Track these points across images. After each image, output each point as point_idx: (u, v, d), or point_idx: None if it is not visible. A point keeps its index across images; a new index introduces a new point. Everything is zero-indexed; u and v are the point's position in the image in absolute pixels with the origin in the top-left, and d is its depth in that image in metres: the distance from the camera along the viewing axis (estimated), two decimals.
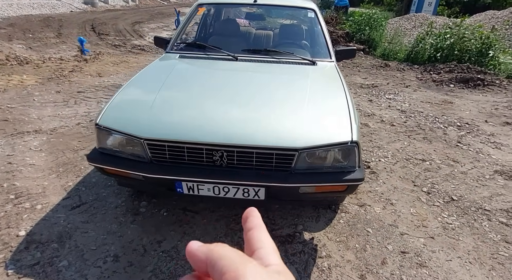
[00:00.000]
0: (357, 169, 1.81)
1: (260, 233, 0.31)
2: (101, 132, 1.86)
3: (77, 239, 2.02)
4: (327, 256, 1.95)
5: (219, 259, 0.26)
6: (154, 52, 8.62)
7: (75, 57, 7.00)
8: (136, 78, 2.30)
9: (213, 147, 1.73)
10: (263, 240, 0.31)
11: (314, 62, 2.70)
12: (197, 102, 1.99)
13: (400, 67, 7.94)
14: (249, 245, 0.31)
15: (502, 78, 6.71)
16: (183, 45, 2.98)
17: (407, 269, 1.85)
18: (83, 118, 3.93)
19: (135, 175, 1.85)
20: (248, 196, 1.83)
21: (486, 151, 3.46)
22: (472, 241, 2.10)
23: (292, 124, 1.81)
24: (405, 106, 5.00)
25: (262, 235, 0.31)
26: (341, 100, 2.05)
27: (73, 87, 5.18)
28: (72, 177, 2.68)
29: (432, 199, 2.55)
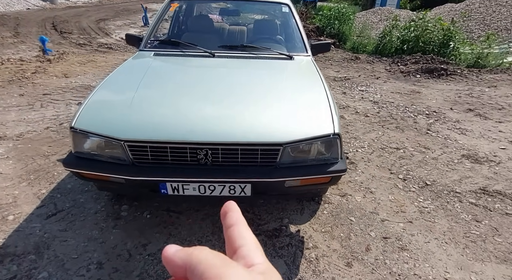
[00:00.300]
0: (340, 160, 1.86)
1: (241, 229, 0.30)
2: (77, 136, 1.77)
3: (56, 249, 1.93)
4: (314, 247, 2.00)
5: (199, 263, 0.25)
6: (123, 50, 8.32)
7: (37, 57, 6.61)
8: (110, 78, 2.21)
9: (197, 145, 1.71)
10: (245, 236, 0.29)
11: (291, 57, 2.72)
12: (178, 101, 1.95)
13: (369, 60, 8.20)
14: (230, 242, 0.29)
15: (463, 67, 7.11)
16: (157, 42, 2.90)
17: (389, 254, 1.94)
18: (51, 122, 3.73)
19: (116, 179, 1.79)
20: (235, 193, 1.83)
21: (453, 137, 3.66)
22: (446, 222, 2.23)
23: (276, 119, 1.82)
24: (377, 97, 5.18)
25: (244, 231, 0.30)
26: (321, 94, 2.09)
27: (38, 89, 4.89)
28: (45, 184, 2.55)
29: (408, 185, 2.68)
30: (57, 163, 2.84)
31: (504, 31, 10.83)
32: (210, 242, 2.02)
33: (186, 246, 0.28)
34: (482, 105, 4.81)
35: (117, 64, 6.95)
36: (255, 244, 0.29)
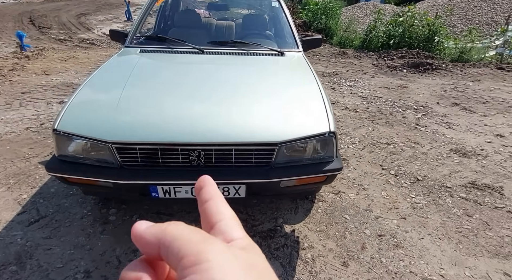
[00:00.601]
0: (335, 158, 1.83)
1: (218, 204, 0.28)
2: (61, 138, 1.67)
3: (39, 258, 1.83)
4: (310, 247, 1.97)
5: (174, 239, 0.22)
6: (106, 46, 8.07)
7: (14, 54, 6.32)
8: (95, 76, 2.10)
9: (190, 146, 1.64)
10: (222, 211, 0.27)
11: (282, 53, 2.67)
12: (168, 100, 1.86)
13: (356, 55, 8.23)
14: (207, 218, 0.27)
15: (447, 62, 7.23)
16: (143, 38, 2.79)
17: (385, 251, 1.93)
18: (31, 122, 3.56)
19: (104, 183, 1.70)
20: (229, 194, 1.77)
21: (441, 131, 3.70)
22: (439, 217, 2.24)
23: (270, 118, 1.77)
24: (365, 92, 5.19)
25: (221, 206, 0.28)
26: (315, 91, 2.04)
27: (16, 87, 4.67)
28: (26, 188, 2.42)
29: (400, 180, 2.68)
30: (39, 166, 2.70)
31: (485, 25, 11.09)
32: None
33: None
34: (467, 99, 4.90)
35: (100, 61, 6.72)
36: (233, 219, 0.27)
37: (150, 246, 0.23)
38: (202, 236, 0.23)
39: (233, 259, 0.22)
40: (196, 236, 0.23)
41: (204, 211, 0.27)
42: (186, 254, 0.21)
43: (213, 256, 0.21)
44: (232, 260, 0.21)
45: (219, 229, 0.26)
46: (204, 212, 0.28)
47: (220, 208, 0.27)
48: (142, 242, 0.24)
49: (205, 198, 0.28)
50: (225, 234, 0.25)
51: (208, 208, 0.27)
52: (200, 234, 0.23)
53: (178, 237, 0.22)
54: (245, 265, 0.22)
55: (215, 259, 0.21)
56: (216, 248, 0.22)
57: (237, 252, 0.23)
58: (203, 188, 0.29)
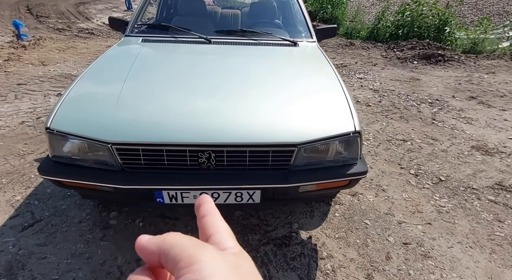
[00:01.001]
0: (359, 160, 1.65)
1: (214, 218, 0.31)
2: (54, 138, 1.49)
3: (32, 268, 1.67)
4: (329, 256, 1.80)
5: (172, 247, 0.25)
6: (106, 36, 7.82)
7: (10, 43, 6.09)
8: (93, 68, 1.90)
9: (199, 147, 1.46)
10: (217, 224, 0.30)
11: (295, 43, 2.46)
12: (174, 95, 1.67)
13: (364, 46, 7.96)
14: (203, 231, 0.30)
15: (459, 53, 6.97)
16: (145, 27, 2.57)
17: (413, 262, 1.76)
18: (27, 115, 3.38)
19: (103, 187, 1.52)
20: (242, 200, 1.59)
21: (459, 127, 3.50)
22: (467, 223, 2.06)
23: (288, 116, 1.58)
24: (376, 85, 4.98)
25: (216, 220, 0.31)
26: (335, 85, 1.85)
27: (12, 78, 4.47)
28: (20, 188, 2.25)
29: (421, 181, 2.50)
30: (34, 164, 2.53)
31: (496, 16, 10.75)
32: None
33: None
34: (484, 92, 4.68)
35: (99, 51, 6.49)
36: (227, 231, 0.30)
37: (152, 255, 0.26)
38: (196, 242, 0.26)
39: (222, 261, 0.24)
40: (191, 243, 0.26)
41: (202, 225, 0.30)
42: (182, 258, 0.24)
43: (205, 258, 0.24)
44: (221, 262, 0.24)
45: (214, 240, 0.28)
46: (201, 226, 0.30)
47: (215, 222, 0.30)
48: (145, 252, 0.27)
49: (203, 214, 0.31)
50: (219, 244, 0.28)
51: (205, 222, 0.30)
52: (194, 240, 0.26)
53: (176, 245, 0.25)
54: (232, 266, 0.25)
55: (206, 261, 0.24)
56: (207, 252, 0.25)
57: (226, 256, 0.26)
58: (201, 206, 0.32)
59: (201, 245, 0.26)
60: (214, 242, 0.28)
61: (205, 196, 0.33)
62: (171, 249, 0.25)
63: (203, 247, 0.25)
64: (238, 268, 0.25)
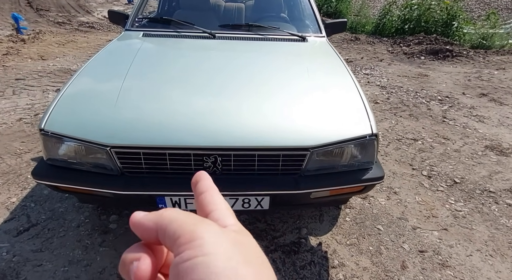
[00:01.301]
0: (375, 164, 1.54)
1: (212, 195, 0.29)
2: (49, 140, 1.39)
3: (27, 277, 1.58)
4: (340, 264, 1.70)
5: (171, 222, 0.24)
6: (106, 30, 7.69)
7: (9, 37, 5.97)
8: (91, 64, 1.79)
9: (204, 151, 1.35)
10: (216, 202, 0.29)
11: (304, 38, 2.33)
12: (177, 94, 1.56)
13: (370, 40, 7.80)
14: (202, 208, 0.29)
15: (468, 48, 6.81)
16: (146, 21, 2.45)
17: (430, 272, 1.65)
18: (25, 112, 3.27)
19: (102, 192, 1.42)
20: (249, 206, 1.49)
21: (471, 125, 3.38)
22: (485, 229, 1.96)
23: (300, 117, 1.46)
24: (383, 81, 4.84)
25: (215, 197, 0.29)
26: (349, 85, 1.73)
27: (10, 73, 4.36)
28: (16, 190, 2.16)
29: (435, 183, 2.39)
30: (31, 163, 2.43)
31: (504, 10, 10.53)
32: None
33: None
34: (495, 89, 4.54)
35: (100, 46, 6.36)
36: (226, 208, 0.29)
37: (148, 231, 0.25)
38: (195, 218, 0.25)
39: (223, 237, 0.23)
40: (190, 218, 0.24)
41: (200, 202, 0.29)
42: (182, 234, 0.23)
43: (206, 234, 0.23)
44: (222, 238, 0.23)
45: (213, 217, 0.27)
46: (199, 203, 0.29)
47: (214, 199, 0.29)
48: (141, 228, 0.26)
49: (200, 190, 0.30)
50: (218, 221, 0.26)
51: (203, 199, 0.29)
52: (194, 216, 0.25)
53: (174, 220, 0.24)
54: (233, 242, 0.23)
55: (207, 236, 0.22)
56: (209, 228, 0.24)
57: (227, 233, 0.24)
58: (198, 182, 0.31)
59: (202, 221, 0.25)
60: (214, 219, 0.27)
61: (202, 173, 0.32)
62: (169, 225, 0.24)
63: (204, 223, 0.24)
64: (240, 245, 0.24)
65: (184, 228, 0.23)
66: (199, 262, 0.21)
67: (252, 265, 0.22)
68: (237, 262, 0.22)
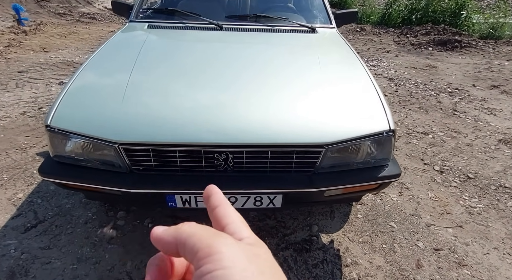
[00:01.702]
0: (391, 161, 1.49)
1: (226, 209, 0.30)
2: (56, 137, 1.34)
3: (36, 275, 1.55)
4: (354, 263, 1.66)
5: (190, 236, 0.25)
6: (108, 21, 7.59)
7: (10, 28, 5.90)
8: (96, 57, 1.73)
9: (215, 148, 1.30)
10: (230, 215, 0.30)
11: (314, 29, 2.26)
12: (187, 90, 1.50)
13: (376, 31, 7.65)
14: (217, 222, 0.29)
15: (477, 38, 6.66)
16: (150, 12, 2.37)
17: (446, 271, 1.62)
18: (29, 105, 3.23)
19: (110, 190, 1.38)
20: (261, 204, 1.45)
21: (483, 118, 3.31)
22: (502, 226, 1.91)
23: (314, 113, 1.41)
24: (391, 73, 4.75)
25: (229, 210, 0.30)
26: (364, 77, 1.67)
27: (12, 66, 4.31)
28: (22, 185, 2.12)
29: (448, 178, 2.33)
30: (37, 158, 2.40)
31: None
32: None
33: None
34: (506, 81, 4.44)
35: (102, 37, 6.27)
36: (241, 221, 0.29)
37: (168, 245, 0.26)
38: (213, 232, 0.26)
39: (240, 250, 0.24)
40: (207, 232, 0.26)
41: (214, 217, 0.30)
42: (201, 248, 0.24)
43: (224, 248, 0.24)
44: (239, 251, 0.24)
45: (229, 231, 0.28)
46: (214, 217, 0.30)
47: (228, 212, 0.30)
48: (161, 243, 0.27)
49: (214, 205, 0.30)
50: (234, 235, 0.27)
51: (218, 213, 0.30)
52: (211, 230, 0.26)
53: (192, 235, 0.25)
54: (249, 255, 0.25)
55: (225, 250, 0.24)
56: (226, 242, 0.25)
57: (242, 245, 0.26)
58: (210, 197, 0.31)
59: (218, 235, 0.26)
60: (229, 233, 0.28)
61: (213, 187, 0.33)
62: (188, 239, 0.25)
63: (221, 237, 0.25)
64: (257, 258, 0.25)
65: (202, 242, 0.24)
66: (219, 275, 0.22)
67: (266, 275, 0.24)
68: (252, 273, 0.23)
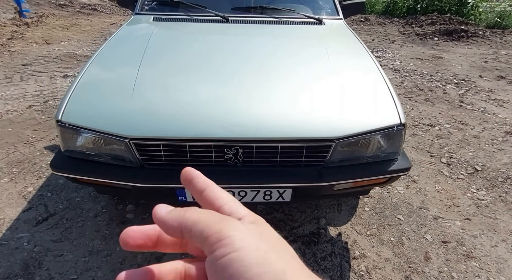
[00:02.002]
0: (400, 155, 1.48)
1: (215, 191, 0.30)
2: (67, 132, 1.34)
3: (50, 267, 1.58)
4: (362, 255, 1.68)
5: (196, 223, 0.26)
6: (109, 12, 7.52)
7: (12, 20, 5.87)
8: (103, 51, 1.71)
9: (226, 143, 1.30)
10: (222, 196, 0.30)
11: (320, 21, 2.23)
12: (196, 83, 1.49)
13: (380, 21, 7.55)
14: (209, 205, 0.30)
15: (484, 28, 6.56)
16: (155, 3, 2.34)
17: (455, 264, 1.63)
18: (34, 99, 3.23)
19: (122, 185, 1.39)
20: (271, 198, 1.46)
21: (490, 110, 3.28)
22: (510, 218, 1.91)
23: (324, 107, 1.40)
24: (396, 64, 4.70)
25: (218, 192, 0.30)
26: (373, 70, 1.65)
27: (16, 59, 4.30)
28: (32, 179, 2.14)
29: (455, 171, 2.33)
30: (45, 151, 2.41)
31: None
32: None
33: None
34: None
35: (104, 29, 6.23)
36: (234, 201, 0.30)
37: (172, 229, 0.27)
38: (219, 217, 0.27)
39: (247, 231, 0.25)
40: (213, 218, 0.26)
41: (204, 199, 0.30)
42: (209, 234, 0.24)
43: (232, 231, 0.24)
44: (247, 232, 0.25)
45: (225, 212, 0.28)
46: (204, 201, 0.30)
47: (218, 194, 0.30)
48: (164, 225, 0.28)
49: (201, 188, 0.30)
50: (232, 215, 0.28)
51: (207, 196, 0.30)
52: (216, 215, 0.27)
53: (198, 221, 0.26)
54: (257, 234, 0.26)
55: (234, 233, 0.24)
56: (234, 224, 0.25)
57: (248, 225, 0.27)
58: (193, 180, 0.31)
59: (225, 219, 0.26)
60: (227, 214, 0.28)
61: (190, 169, 0.32)
62: (196, 225, 0.26)
63: (228, 220, 0.26)
64: (262, 235, 0.26)
65: (210, 228, 0.25)
66: (233, 258, 0.23)
67: (277, 250, 0.25)
68: (265, 251, 0.24)
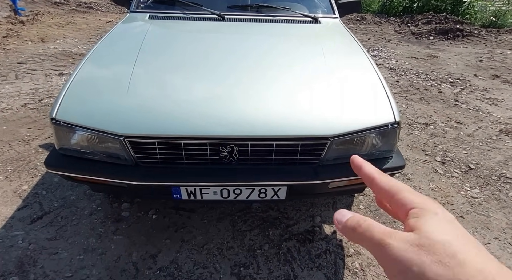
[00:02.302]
0: (395, 153, 1.50)
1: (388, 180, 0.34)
2: (61, 130, 1.34)
3: (44, 265, 1.58)
4: (356, 253, 1.69)
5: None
6: (105, 10, 7.48)
7: (7, 18, 5.82)
8: (98, 49, 1.71)
9: (221, 141, 1.31)
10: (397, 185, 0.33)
11: (316, 20, 2.23)
12: (192, 82, 1.50)
13: (376, 20, 7.57)
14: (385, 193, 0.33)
15: (479, 27, 6.60)
16: (151, 2, 2.34)
17: None
18: (29, 97, 3.22)
19: (116, 183, 1.39)
20: (266, 196, 1.46)
21: (485, 109, 3.31)
22: (503, 216, 1.94)
23: (319, 105, 1.41)
24: (392, 63, 4.72)
25: (391, 180, 0.34)
26: (367, 68, 1.66)
27: (11, 57, 4.27)
28: (27, 177, 2.14)
29: (449, 169, 2.35)
30: (39, 150, 2.40)
31: None
32: (232, 249, 1.69)
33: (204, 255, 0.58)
34: (508, 70, 4.42)
35: (99, 27, 6.20)
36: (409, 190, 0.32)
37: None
38: (418, 193, 0.32)
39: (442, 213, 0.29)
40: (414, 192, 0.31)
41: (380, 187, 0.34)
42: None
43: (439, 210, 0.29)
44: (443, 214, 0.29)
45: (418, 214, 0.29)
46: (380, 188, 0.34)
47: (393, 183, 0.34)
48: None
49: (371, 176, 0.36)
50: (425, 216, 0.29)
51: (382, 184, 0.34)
52: (415, 192, 0.32)
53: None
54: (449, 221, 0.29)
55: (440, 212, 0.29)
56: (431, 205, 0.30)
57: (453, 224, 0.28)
58: (362, 167, 0.38)
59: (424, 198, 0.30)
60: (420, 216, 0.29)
61: (356, 158, 0.39)
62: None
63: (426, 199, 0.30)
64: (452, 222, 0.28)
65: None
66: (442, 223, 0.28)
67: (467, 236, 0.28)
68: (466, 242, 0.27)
